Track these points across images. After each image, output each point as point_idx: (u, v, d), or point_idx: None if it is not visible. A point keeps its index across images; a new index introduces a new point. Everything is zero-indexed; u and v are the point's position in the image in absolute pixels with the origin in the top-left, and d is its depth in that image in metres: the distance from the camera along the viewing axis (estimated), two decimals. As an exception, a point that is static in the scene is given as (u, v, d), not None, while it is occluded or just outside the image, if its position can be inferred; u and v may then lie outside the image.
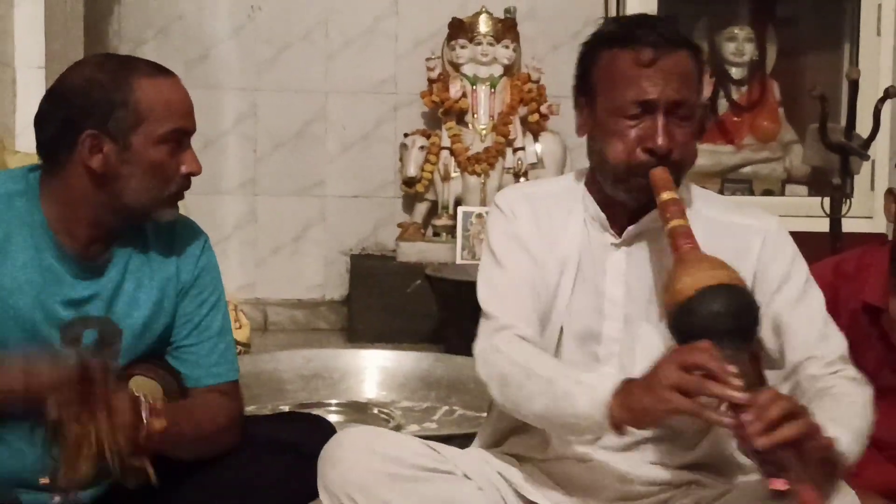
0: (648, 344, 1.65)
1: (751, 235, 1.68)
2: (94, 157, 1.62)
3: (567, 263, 1.69)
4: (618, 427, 1.48)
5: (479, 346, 1.67)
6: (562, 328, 1.69)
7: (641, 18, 1.69)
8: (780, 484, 1.32)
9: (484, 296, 1.70)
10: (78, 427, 1.48)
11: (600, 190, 1.69)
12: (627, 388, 1.47)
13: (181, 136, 1.67)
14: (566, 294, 1.68)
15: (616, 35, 1.65)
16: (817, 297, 1.70)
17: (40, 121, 1.65)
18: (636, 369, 1.58)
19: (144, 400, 1.56)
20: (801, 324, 1.65)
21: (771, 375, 1.66)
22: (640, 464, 1.69)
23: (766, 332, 1.64)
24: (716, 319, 1.41)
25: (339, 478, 1.64)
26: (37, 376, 1.51)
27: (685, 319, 1.43)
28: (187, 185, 1.70)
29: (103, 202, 1.65)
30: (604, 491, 1.69)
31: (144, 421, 1.54)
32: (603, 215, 1.70)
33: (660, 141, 1.59)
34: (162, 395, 1.66)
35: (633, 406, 1.45)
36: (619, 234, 1.69)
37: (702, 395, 1.38)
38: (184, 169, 1.67)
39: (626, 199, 1.66)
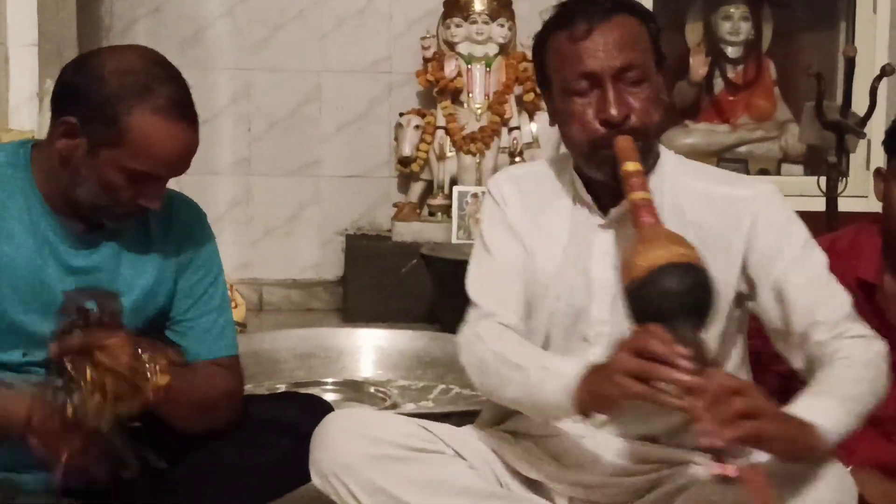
0: None
1: (740, 206, 1.66)
2: (62, 140, 1.59)
3: (555, 245, 1.69)
4: (584, 412, 1.49)
5: (464, 333, 1.68)
6: (551, 310, 1.69)
7: None
8: (729, 470, 1.27)
9: (471, 283, 1.72)
10: (82, 369, 1.47)
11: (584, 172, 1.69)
12: (590, 375, 1.47)
13: (154, 178, 1.62)
14: (555, 276, 1.68)
15: (554, 19, 1.65)
16: (817, 259, 1.65)
17: (58, 77, 1.63)
18: None
19: (148, 357, 1.56)
20: (801, 290, 1.62)
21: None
22: (635, 441, 1.69)
23: (768, 303, 1.64)
24: (667, 299, 1.38)
25: (328, 459, 1.65)
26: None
27: (638, 299, 1.41)
28: (142, 213, 1.66)
29: (68, 180, 1.63)
30: (598, 466, 1.69)
31: (149, 376, 1.54)
32: (589, 196, 1.69)
33: (612, 111, 1.58)
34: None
35: (594, 392, 1.46)
36: (607, 214, 1.69)
37: (653, 379, 1.37)
38: (141, 202, 1.62)
39: (600, 176, 1.64)
